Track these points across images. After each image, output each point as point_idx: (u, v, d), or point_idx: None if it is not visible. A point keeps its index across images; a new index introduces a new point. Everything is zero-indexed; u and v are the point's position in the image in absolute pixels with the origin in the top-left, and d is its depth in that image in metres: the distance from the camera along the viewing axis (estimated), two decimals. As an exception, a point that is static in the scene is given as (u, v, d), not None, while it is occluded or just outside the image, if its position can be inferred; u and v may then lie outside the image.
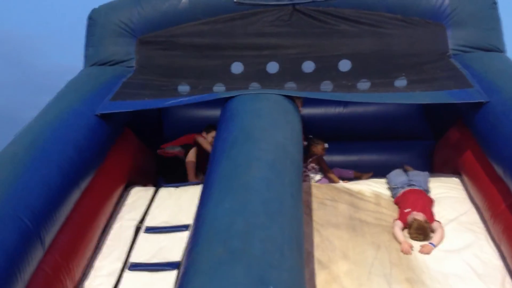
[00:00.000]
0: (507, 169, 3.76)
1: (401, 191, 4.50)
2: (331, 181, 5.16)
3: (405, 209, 4.26)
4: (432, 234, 4.08)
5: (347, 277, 3.68)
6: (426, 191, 4.50)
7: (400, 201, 4.43)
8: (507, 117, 3.97)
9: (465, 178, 4.61)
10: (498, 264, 3.80)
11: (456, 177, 4.75)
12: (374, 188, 4.73)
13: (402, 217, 4.22)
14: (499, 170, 3.92)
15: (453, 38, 5.02)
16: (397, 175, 4.73)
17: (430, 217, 4.16)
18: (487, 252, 3.92)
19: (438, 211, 4.31)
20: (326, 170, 5.27)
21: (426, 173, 4.74)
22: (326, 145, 5.34)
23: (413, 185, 4.50)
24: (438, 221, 4.17)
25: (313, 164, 5.26)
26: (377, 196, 4.61)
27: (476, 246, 3.96)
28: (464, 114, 4.63)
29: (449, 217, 4.26)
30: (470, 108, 4.39)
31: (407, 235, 4.11)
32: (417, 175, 4.68)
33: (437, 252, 3.93)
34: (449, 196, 4.49)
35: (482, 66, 4.69)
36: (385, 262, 3.83)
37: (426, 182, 4.60)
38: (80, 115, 4.26)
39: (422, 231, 4.04)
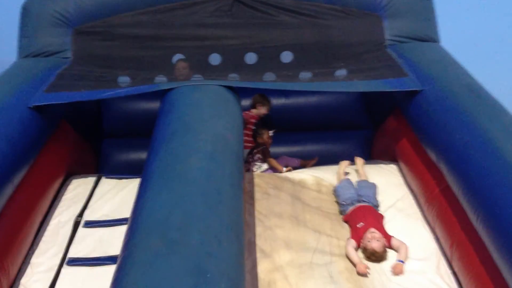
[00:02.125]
0: (440, 155, 3.90)
1: (350, 208, 4.21)
2: (275, 170, 5.19)
3: (357, 223, 4.02)
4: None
5: (289, 266, 3.73)
6: (376, 206, 4.25)
7: (350, 219, 4.17)
8: (440, 105, 4.10)
9: (402, 165, 4.74)
10: (432, 247, 3.94)
11: (393, 164, 4.89)
12: (316, 175, 4.80)
13: (355, 234, 3.96)
14: (433, 156, 4.05)
15: (389, 29, 5.14)
16: (345, 188, 4.39)
17: (385, 235, 3.92)
18: (422, 235, 4.05)
19: (379, 196, 4.41)
20: (268, 159, 5.29)
21: (374, 184, 4.46)
22: (271, 133, 5.34)
23: (363, 200, 4.24)
24: (392, 236, 3.96)
25: (258, 155, 5.28)
26: (318, 183, 4.69)
27: (412, 230, 4.09)
28: (400, 103, 4.76)
29: (388, 203, 4.37)
30: (406, 97, 4.51)
31: (361, 255, 3.87)
32: (366, 188, 4.38)
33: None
34: (386, 182, 4.61)
35: (417, 55, 4.82)
36: (326, 251, 3.90)
37: (375, 195, 4.35)
38: (12, 107, 4.09)
39: (379, 258, 3.82)
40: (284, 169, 5.08)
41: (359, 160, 4.80)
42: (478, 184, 3.33)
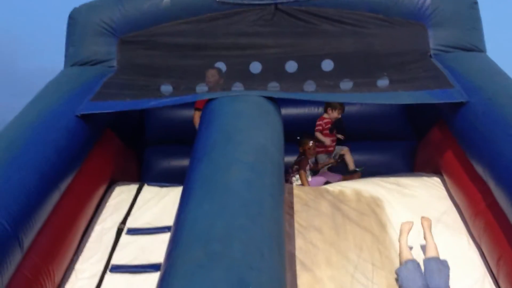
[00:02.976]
0: (487, 168, 3.79)
1: None
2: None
3: None
4: None
5: (330, 281, 3.69)
6: None
7: None
8: (487, 117, 4.00)
9: (446, 178, 4.63)
10: (478, 263, 3.83)
11: (437, 177, 4.78)
12: (355, 187, 4.74)
13: None
14: (479, 170, 3.95)
15: (434, 38, 5.05)
16: (411, 276, 3.57)
17: None
18: (467, 251, 3.95)
19: (422, 210, 4.32)
20: (300, 171, 5.22)
21: (446, 264, 3.63)
22: (311, 143, 5.31)
23: None
24: None
25: (296, 166, 5.24)
26: (358, 194, 4.62)
27: (457, 246, 3.99)
28: (445, 114, 4.66)
29: (432, 217, 4.26)
30: (451, 108, 4.41)
31: None
32: (436, 273, 3.57)
33: (419, 253, 3.94)
34: (429, 195, 4.52)
35: (463, 66, 4.72)
36: (368, 265, 3.84)
37: (448, 283, 3.55)
38: (59, 115, 4.21)
39: None
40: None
41: (426, 222, 3.93)
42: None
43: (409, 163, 5.58)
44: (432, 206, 4.38)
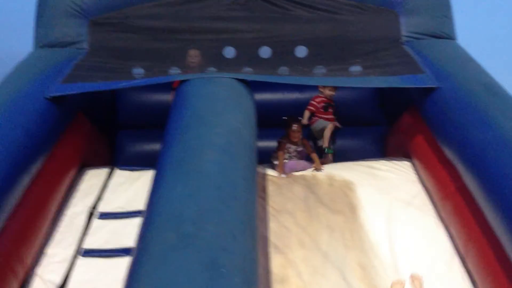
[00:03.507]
0: (456, 153, 3.87)
1: None
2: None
3: None
4: None
5: (303, 263, 3.74)
6: None
7: None
8: (457, 103, 4.07)
9: (416, 162, 4.71)
10: (446, 245, 3.92)
11: (407, 161, 4.86)
12: (328, 170, 4.78)
13: None
14: (449, 154, 4.03)
15: (406, 25, 5.09)
16: None
17: None
18: (436, 233, 4.03)
19: (393, 192, 4.40)
20: (275, 153, 5.11)
21: None
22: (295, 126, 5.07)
23: None
24: None
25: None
26: (330, 178, 4.67)
27: (427, 228, 4.07)
28: (416, 100, 4.72)
29: (401, 200, 4.35)
30: (422, 94, 4.48)
31: None
32: None
33: (389, 233, 4.01)
34: (400, 179, 4.59)
35: (434, 53, 4.78)
36: (339, 245, 3.90)
37: None
38: (29, 98, 4.11)
39: None
40: (283, 175, 4.85)
41: (417, 280, 3.66)
42: (495, 182, 3.31)
43: (381, 148, 5.65)
44: (402, 189, 4.45)
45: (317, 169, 4.78)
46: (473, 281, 3.60)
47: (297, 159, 5.03)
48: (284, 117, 5.10)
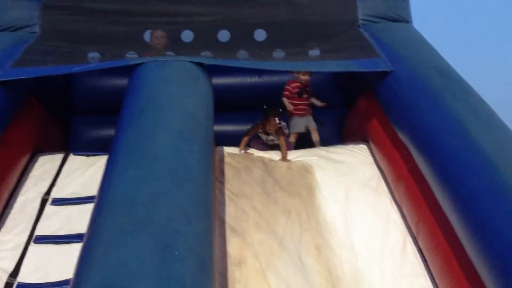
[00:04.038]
0: (409, 135, 3.95)
1: None
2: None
3: None
4: None
5: (260, 245, 3.76)
6: None
7: None
8: (410, 86, 4.14)
9: (372, 145, 4.78)
10: (399, 225, 4.01)
11: (364, 144, 4.92)
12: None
13: None
14: (402, 136, 4.10)
15: (362, 8, 5.13)
16: None
17: None
18: (390, 213, 4.11)
19: (350, 174, 4.46)
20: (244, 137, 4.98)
21: None
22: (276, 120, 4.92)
23: None
24: None
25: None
26: (289, 161, 4.70)
27: (381, 208, 4.15)
28: (372, 83, 4.78)
29: (357, 181, 4.42)
30: (377, 77, 4.53)
31: None
32: None
33: (345, 214, 4.07)
34: (356, 161, 4.65)
35: (389, 36, 4.84)
36: (296, 228, 3.93)
37: None
38: (-24, 82, 3.99)
39: None
40: (242, 151, 4.81)
41: None
42: (445, 162, 3.39)
43: (338, 131, 5.70)
44: (359, 171, 4.52)
45: (283, 159, 4.71)
46: (424, 260, 3.69)
47: (266, 148, 4.98)
48: (264, 106, 4.93)
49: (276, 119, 4.87)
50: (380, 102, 4.59)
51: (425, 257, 3.68)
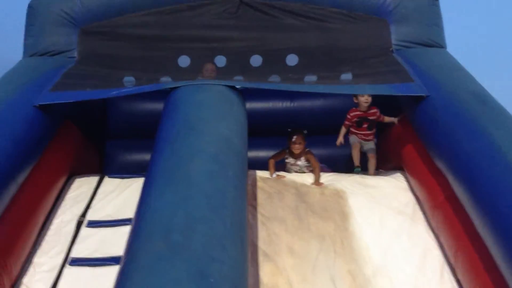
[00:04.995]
0: (446, 162, 3.88)
1: None
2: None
3: None
4: None
5: (293, 270, 3.72)
6: None
7: None
8: (446, 111, 4.08)
9: (407, 171, 4.71)
10: (436, 254, 3.92)
11: (398, 172, 4.85)
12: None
13: None
14: (439, 163, 4.03)
15: (396, 34, 5.14)
16: None
17: None
18: (426, 242, 4.03)
19: (384, 201, 4.40)
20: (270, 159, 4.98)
21: None
22: (294, 138, 4.87)
23: None
24: None
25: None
26: (322, 187, 4.66)
27: (416, 236, 4.07)
28: (405, 109, 4.74)
29: (393, 209, 4.35)
30: (411, 103, 4.49)
31: None
32: None
33: (380, 241, 4.01)
34: (391, 188, 4.59)
35: (423, 61, 4.81)
36: (330, 253, 3.88)
37: None
38: (17, 106, 4.08)
39: None
40: (274, 175, 4.77)
41: None
42: (485, 191, 3.31)
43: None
44: (394, 198, 4.45)
45: (315, 185, 4.64)
46: (462, 290, 3.60)
47: (295, 172, 4.92)
48: (289, 129, 4.94)
49: (296, 136, 4.81)
50: (415, 128, 4.53)
51: (464, 288, 3.58)
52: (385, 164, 5.08)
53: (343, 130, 5.13)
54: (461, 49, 5.34)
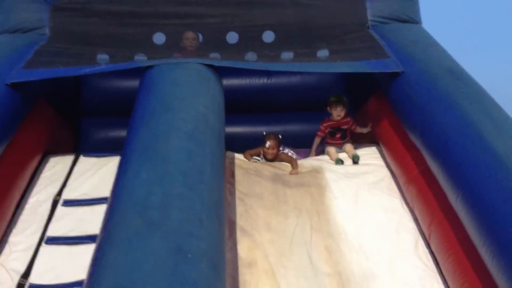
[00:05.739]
0: (420, 136, 3.92)
1: None
2: None
3: None
4: None
5: (270, 245, 3.75)
6: None
7: None
8: (421, 87, 4.12)
9: (382, 147, 4.76)
10: (411, 227, 3.99)
11: (374, 146, 4.91)
12: (296, 157, 4.80)
13: None
14: (413, 138, 4.08)
15: (372, 9, 5.14)
16: None
17: None
18: (401, 215, 4.09)
19: (360, 176, 4.45)
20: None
21: None
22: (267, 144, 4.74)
23: None
24: None
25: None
26: (299, 164, 4.69)
27: (391, 210, 4.13)
28: (381, 85, 4.76)
29: (368, 183, 4.40)
30: (387, 78, 4.52)
31: None
32: None
33: (355, 215, 4.06)
34: (367, 164, 4.63)
35: (399, 37, 4.83)
36: (306, 228, 3.92)
37: None
38: (-12, 84, 4.01)
39: None
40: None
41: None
42: (457, 164, 3.36)
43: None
44: (369, 173, 4.50)
45: (291, 173, 4.60)
46: (437, 262, 3.67)
47: None
48: (264, 132, 4.87)
49: (270, 142, 4.68)
50: (390, 103, 4.57)
51: (437, 260, 3.65)
52: (361, 139, 5.12)
53: (316, 141, 5.09)
54: (436, 24, 5.37)
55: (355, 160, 4.67)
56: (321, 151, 5.10)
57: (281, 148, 4.90)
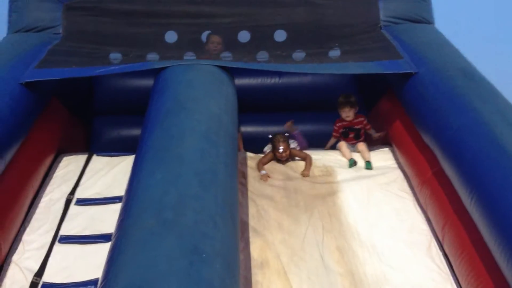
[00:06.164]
0: (433, 137, 3.91)
1: None
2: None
3: None
4: None
5: (282, 245, 3.76)
6: None
7: None
8: (434, 88, 4.10)
9: (395, 147, 4.75)
10: (424, 229, 3.97)
11: (386, 147, 4.89)
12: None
13: None
14: (426, 139, 4.06)
15: (384, 10, 5.12)
16: None
17: None
18: (414, 217, 4.08)
19: (372, 177, 4.44)
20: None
21: None
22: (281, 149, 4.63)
23: None
24: None
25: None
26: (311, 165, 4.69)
27: (404, 212, 4.12)
28: (394, 85, 4.75)
29: (380, 183, 4.39)
30: (400, 79, 4.50)
31: None
32: None
33: (368, 217, 4.05)
34: (379, 165, 4.62)
35: (412, 37, 4.80)
36: (318, 228, 3.92)
37: None
38: (2, 83, 4.01)
39: None
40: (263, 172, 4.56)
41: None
42: (472, 166, 3.34)
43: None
44: (382, 174, 4.49)
45: (303, 175, 4.54)
46: (450, 265, 3.66)
47: None
48: (270, 135, 4.80)
49: (282, 147, 4.59)
50: (403, 104, 4.55)
51: (451, 262, 3.63)
52: (374, 140, 5.10)
53: (331, 142, 5.07)
54: (449, 24, 5.34)
55: (368, 167, 4.61)
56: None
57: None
